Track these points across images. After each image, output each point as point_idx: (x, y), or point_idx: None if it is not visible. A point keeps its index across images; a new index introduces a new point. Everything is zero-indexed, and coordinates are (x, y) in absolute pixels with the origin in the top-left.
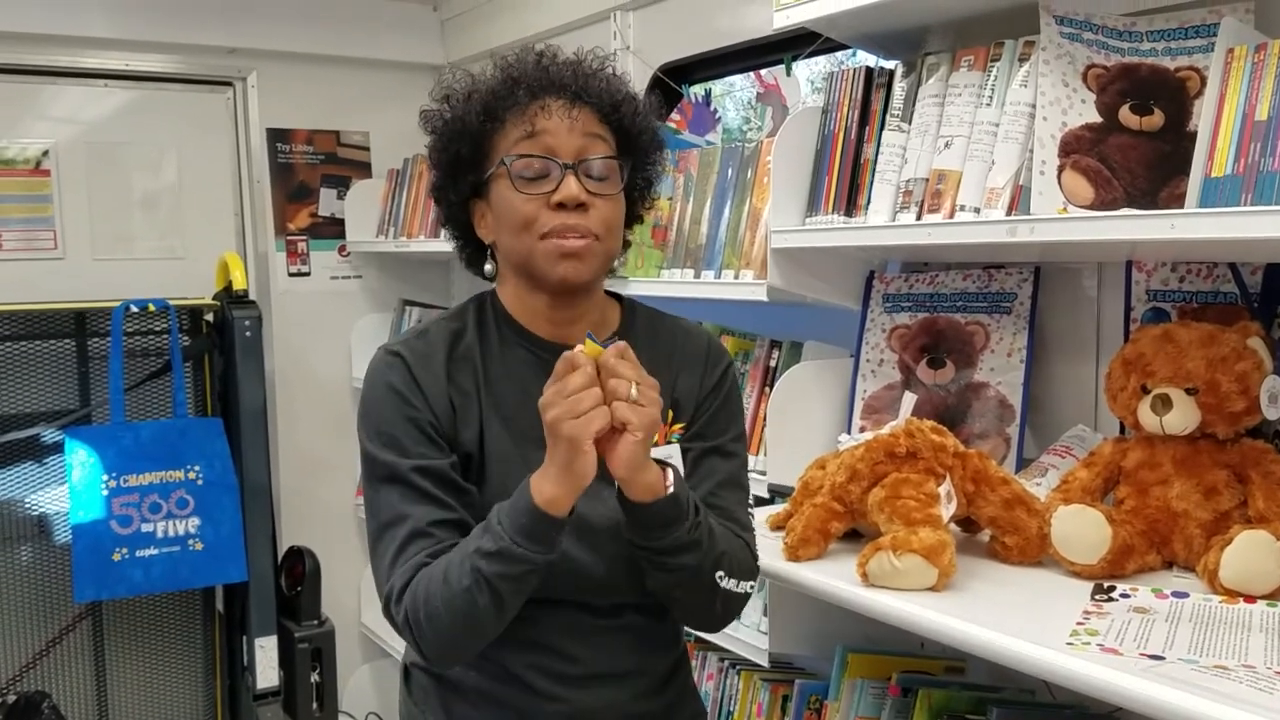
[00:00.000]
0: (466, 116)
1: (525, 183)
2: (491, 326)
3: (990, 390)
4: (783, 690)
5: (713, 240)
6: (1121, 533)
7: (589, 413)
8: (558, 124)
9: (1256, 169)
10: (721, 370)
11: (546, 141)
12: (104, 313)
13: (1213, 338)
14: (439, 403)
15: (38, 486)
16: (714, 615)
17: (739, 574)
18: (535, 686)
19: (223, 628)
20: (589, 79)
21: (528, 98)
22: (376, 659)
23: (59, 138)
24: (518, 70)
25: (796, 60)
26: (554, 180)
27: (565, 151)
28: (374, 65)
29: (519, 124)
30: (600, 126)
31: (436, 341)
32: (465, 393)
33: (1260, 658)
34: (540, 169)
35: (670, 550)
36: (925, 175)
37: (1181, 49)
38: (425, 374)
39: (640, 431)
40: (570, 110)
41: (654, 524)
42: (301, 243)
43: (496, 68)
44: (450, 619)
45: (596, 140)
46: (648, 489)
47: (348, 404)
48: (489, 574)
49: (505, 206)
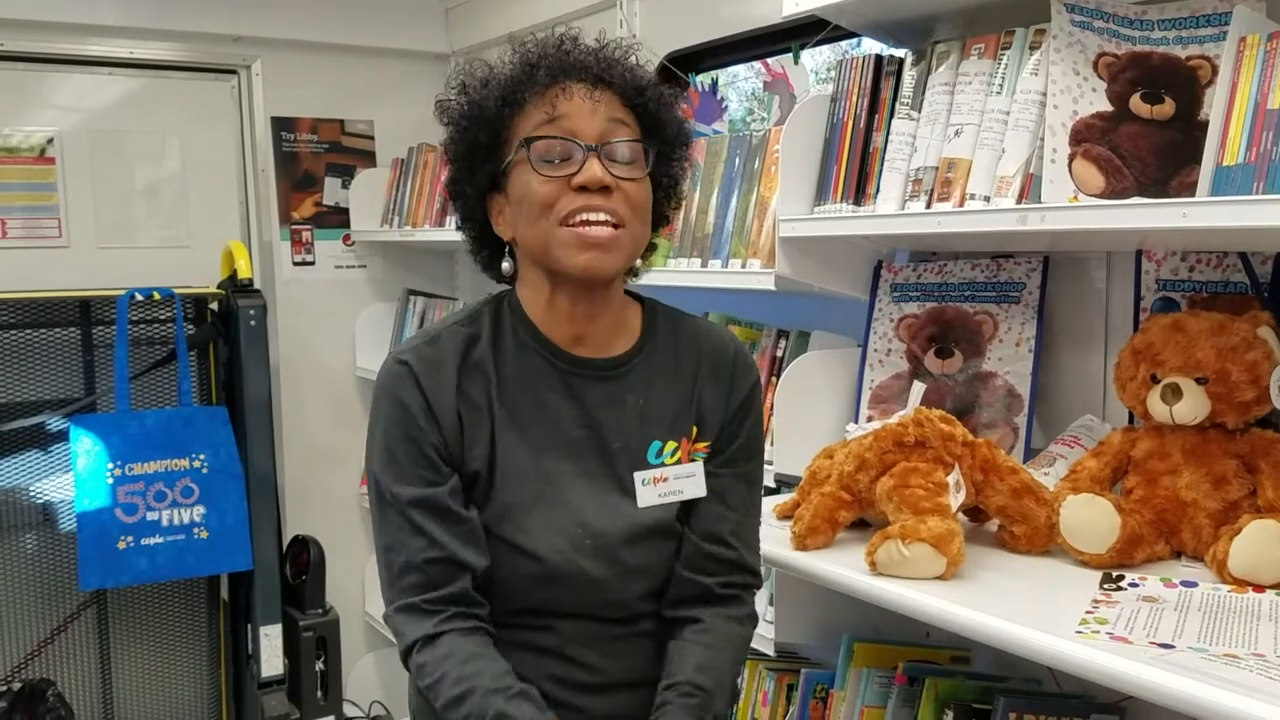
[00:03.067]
0: (485, 102)
1: (546, 165)
2: (507, 330)
3: (998, 380)
4: (788, 679)
5: (720, 229)
6: (1130, 522)
7: None
8: (580, 106)
9: (1268, 158)
10: (750, 387)
11: (568, 124)
12: (109, 301)
13: (1223, 327)
14: (446, 418)
15: (43, 474)
16: None
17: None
18: (552, 695)
19: (227, 616)
20: (612, 64)
21: (548, 80)
22: (381, 648)
23: (63, 126)
24: (537, 54)
25: (804, 49)
26: (576, 163)
27: (588, 134)
28: (379, 54)
29: (539, 107)
30: (624, 111)
31: (448, 348)
32: (476, 406)
33: (1270, 646)
34: (562, 151)
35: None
36: (935, 164)
37: (1193, 37)
38: (434, 385)
39: None
40: (592, 93)
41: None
42: (306, 232)
43: (515, 53)
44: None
45: (620, 125)
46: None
47: (352, 393)
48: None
49: (524, 191)
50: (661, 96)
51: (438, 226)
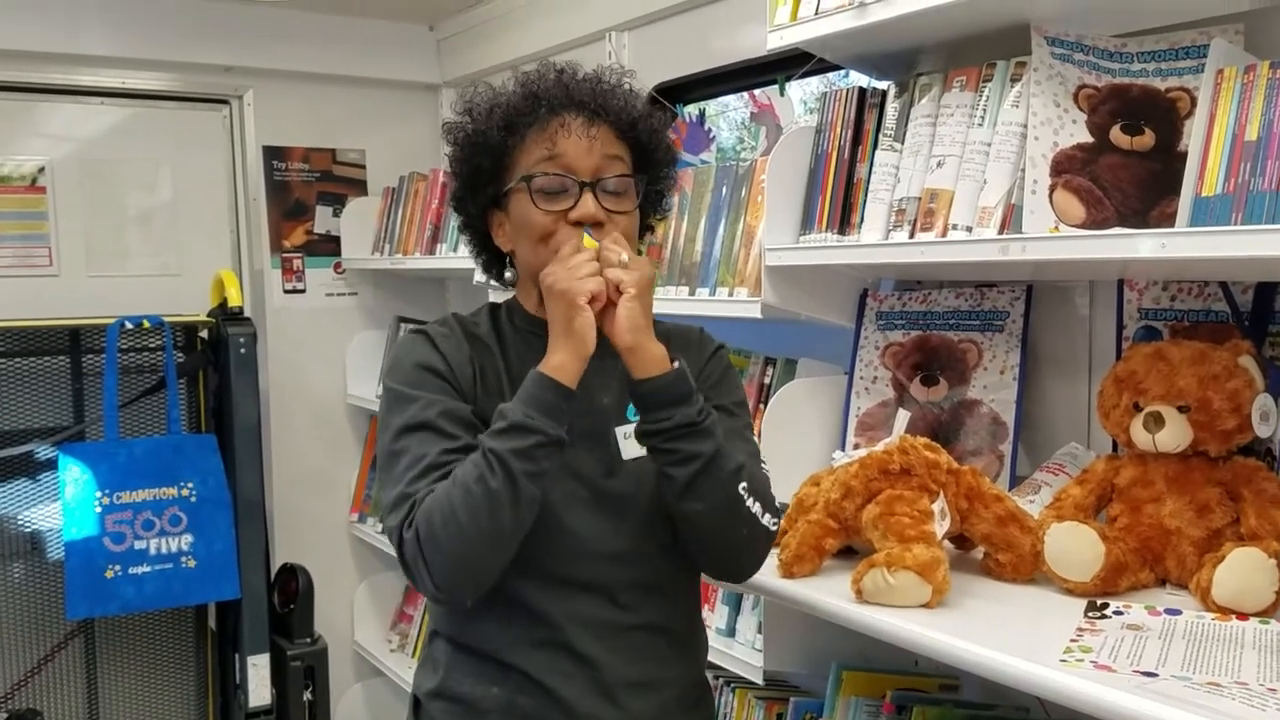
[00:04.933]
0: (489, 131)
1: (544, 198)
2: (506, 323)
3: (983, 408)
4: (778, 708)
5: (707, 258)
6: (1114, 550)
7: (584, 275)
8: (577, 144)
9: (1247, 188)
10: (714, 348)
11: (565, 161)
12: (99, 329)
13: (1204, 356)
14: (463, 371)
15: (31, 503)
16: (740, 546)
17: (762, 498)
18: (560, 695)
19: (215, 645)
20: (608, 96)
21: (548, 114)
22: (369, 678)
23: (54, 155)
24: (538, 86)
25: (790, 81)
26: (572, 197)
27: (583, 170)
28: (370, 84)
29: (540, 142)
30: (618, 145)
31: (456, 328)
32: (486, 374)
33: (1253, 674)
34: (559, 185)
35: (681, 433)
36: (918, 194)
37: (1172, 70)
38: (451, 350)
39: (634, 287)
40: (589, 129)
41: (661, 401)
42: (297, 260)
43: (517, 82)
44: (465, 516)
45: (614, 160)
46: (653, 361)
47: (343, 421)
48: (501, 451)
49: (524, 220)
50: (653, 127)
51: (429, 254)
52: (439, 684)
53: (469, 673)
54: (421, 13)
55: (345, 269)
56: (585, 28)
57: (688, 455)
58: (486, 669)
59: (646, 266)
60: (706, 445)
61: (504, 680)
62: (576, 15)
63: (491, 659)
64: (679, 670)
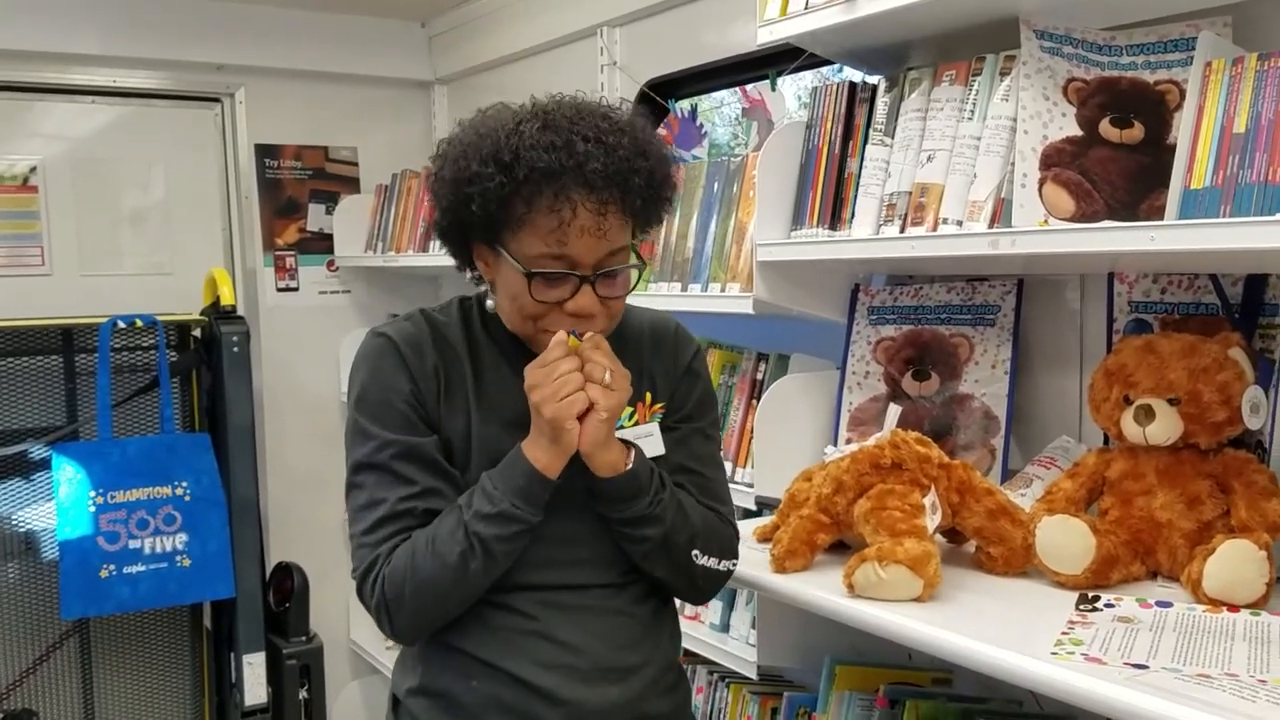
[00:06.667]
0: (488, 191)
1: (543, 289)
2: (480, 329)
3: (975, 402)
4: (771, 703)
5: (699, 254)
6: (1105, 543)
7: (571, 396)
8: (586, 242)
9: (1235, 181)
10: (691, 353)
11: (572, 259)
12: (91, 329)
13: (1194, 348)
14: (426, 383)
15: (25, 503)
16: (696, 590)
17: (716, 552)
18: (538, 685)
19: (210, 644)
20: (621, 166)
21: (557, 196)
22: (365, 675)
23: (46, 154)
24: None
25: (781, 76)
26: (570, 287)
27: (587, 264)
28: (362, 81)
29: (547, 229)
30: (625, 231)
31: (424, 328)
32: (452, 381)
33: (1243, 666)
34: (560, 278)
35: (633, 522)
36: (908, 189)
37: (1161, 62)
38: (414, 356)
39: (605, 412)
40: (600, 219)
41: (615, 497)
42: (290, 258)
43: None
44: (440, 587)
45: (619, 252)
46: (609, 466)
47: (336, 419)
48: (486, 536)
49: (515, 290)
50: (664, 182)
51: (421, 252)
52: (418, 681)
53: (447, 668)
54: (413, 10)
55: (338, 267)
56: (577, 24)
57: (642, 538)
58: (464, 663)
59: (624, 387)
60: (656, 531)
61: (483, 673)
62: (568, 11)
63: (469, 653)
64: (653, 655)
